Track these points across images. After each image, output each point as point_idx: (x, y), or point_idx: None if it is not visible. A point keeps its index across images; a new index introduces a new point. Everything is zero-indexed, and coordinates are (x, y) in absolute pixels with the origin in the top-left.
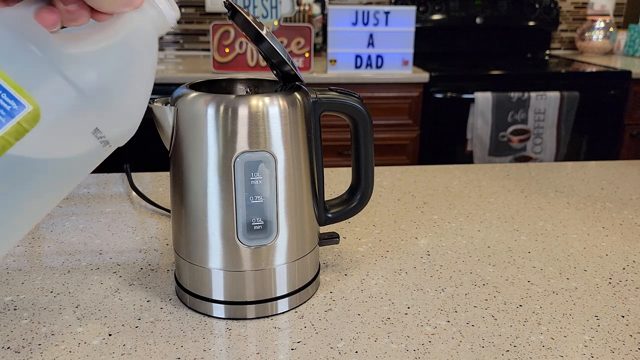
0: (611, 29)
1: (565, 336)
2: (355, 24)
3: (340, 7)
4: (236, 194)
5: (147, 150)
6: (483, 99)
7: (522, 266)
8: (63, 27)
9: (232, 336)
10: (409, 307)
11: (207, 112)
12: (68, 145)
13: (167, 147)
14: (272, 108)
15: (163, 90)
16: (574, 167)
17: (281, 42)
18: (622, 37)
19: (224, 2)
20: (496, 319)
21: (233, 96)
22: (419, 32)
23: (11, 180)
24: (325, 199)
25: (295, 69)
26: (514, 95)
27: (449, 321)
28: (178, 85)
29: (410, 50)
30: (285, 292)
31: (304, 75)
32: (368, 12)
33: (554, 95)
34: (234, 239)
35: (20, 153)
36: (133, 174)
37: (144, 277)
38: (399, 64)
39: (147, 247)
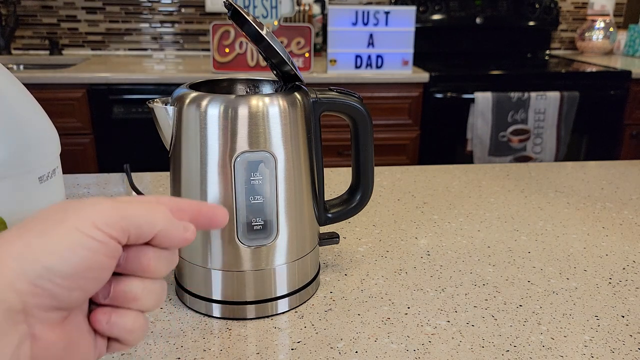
0: (611, 29)
1: (565, 336)
2: (355, 24)
3: (340, 7)
4: (236, 194)
5: (147, 150)
6: (483, 99)
7: (522, 266)
8: None
9: (232, 336)
10: (409, 307)
11: (207, 112)
12: None
13: (167, 147)
14: (272, 108)
15: (163, 90)
16: (574, 167)
17: (281, 42)
18: (622, 37)
19: (224, 2)
20: (496, 319)
21: (233, 96)
22: (419, 32)
23: None
24: (325, 199)
25: (295, 69)
26: (514, 95)
27: (449, 321)
28: (178, 85)
29: (410, 50)
30: (285, 292)
31: (304, 75)
32: (368, 12)
33: (554, 95)
34: (234, 239)
35: None
36: (133, 174)
37: None
38: (399, 64)
39: None
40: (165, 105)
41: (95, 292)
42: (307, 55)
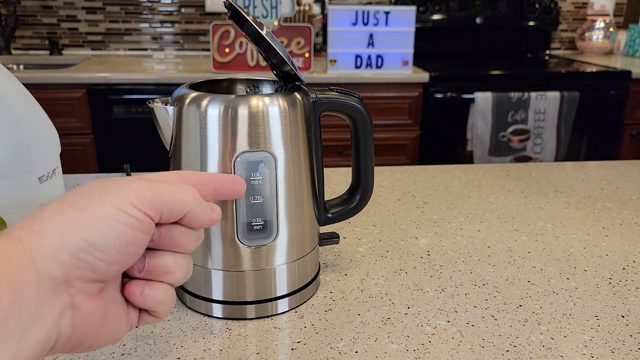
0: (611, 29)
1: (565, 336)
2: (355, 24)
3: (340, 7)
4: None
5: (147, 150)
6: (483, 99)
7: (522, 266)
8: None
9: (232, 336)
10: (409, 307)
11: (207, 112)
12: None
13: (167, 147)
14: (272, 108)
15: (163, 90)
16: (574, 167)
17: (281, 42)
18: (622, 37)
19: (224, 2)
20: (496, 319)
21: (233, 96)
22: (419, 32)
23: None
24: (325, 199)
25: (295, 69)
26: (514, 95)
27: (449, 321)
28: (178, 85)
29: (410, 50)
30: (285, 292)
31: (304, 75)
32: (368, 12)
33: (554, 95)
34: (234, 239)
35: None
36: (133, 174)
37: None
38: (399, 64)
39: None
40: (165, 105)
41: (130, 265)
42: (307, 55)
